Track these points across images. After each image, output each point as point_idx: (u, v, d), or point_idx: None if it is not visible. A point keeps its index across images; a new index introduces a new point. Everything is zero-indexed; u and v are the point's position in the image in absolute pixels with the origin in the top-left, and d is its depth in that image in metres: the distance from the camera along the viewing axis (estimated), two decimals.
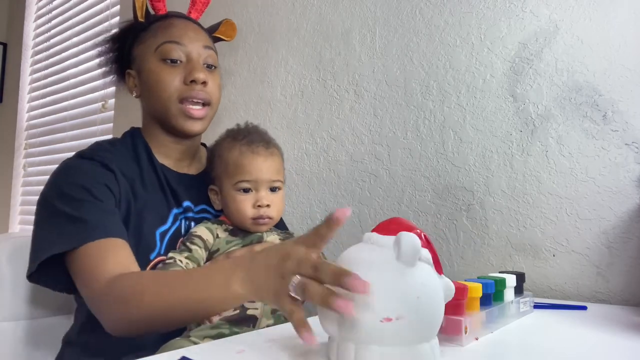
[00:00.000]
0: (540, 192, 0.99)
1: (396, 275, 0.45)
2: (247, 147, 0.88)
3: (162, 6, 0.95)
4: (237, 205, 0.87)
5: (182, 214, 0.91)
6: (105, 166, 0.83)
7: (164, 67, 0.89)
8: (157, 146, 0.94)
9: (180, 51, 0.89)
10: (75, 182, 0.80)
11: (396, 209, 1.18)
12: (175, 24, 0.92)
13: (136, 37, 0.94)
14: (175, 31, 0.91)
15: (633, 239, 0.89)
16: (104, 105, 2.09)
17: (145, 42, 0.92)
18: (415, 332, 0.45)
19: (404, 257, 0.45)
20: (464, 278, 0.78)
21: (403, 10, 1.21)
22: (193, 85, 0.88)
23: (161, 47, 0.89)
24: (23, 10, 2.71)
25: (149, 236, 0.85)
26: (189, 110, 0.89)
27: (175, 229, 0.89)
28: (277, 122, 1.44)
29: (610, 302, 0.90)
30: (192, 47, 0.90)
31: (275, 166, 0.90)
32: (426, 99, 1.16)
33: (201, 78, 0.88)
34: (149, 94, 0.91)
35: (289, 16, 1.45)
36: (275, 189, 0.90)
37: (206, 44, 0.93)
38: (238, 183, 0.87)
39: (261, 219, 0.88)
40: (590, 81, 0.95)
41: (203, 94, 0.89)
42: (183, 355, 0.50)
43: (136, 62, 0.93)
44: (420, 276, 0.46)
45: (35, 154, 2.53)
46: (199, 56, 0.91)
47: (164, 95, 0.88)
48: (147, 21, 0.93)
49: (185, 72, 0.89)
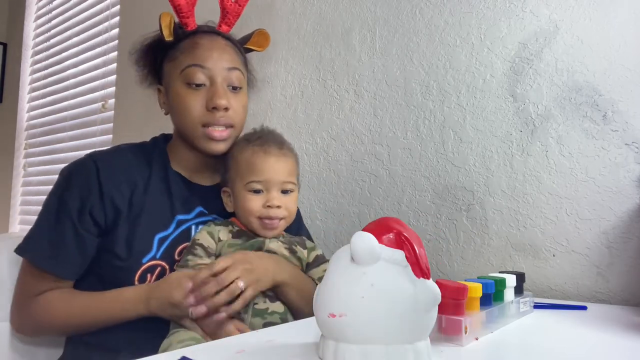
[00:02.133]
0: (540, 192, 0.99)
1: (346, 274, 0.47)
2: (260, 147, 0.88)
3: (192, 22, 0.93)
4: (245, 204, 0.87)
5: (193, 221, 0.92)
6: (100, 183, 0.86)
7: (188, 91, 0.89)
8: (177, 156, 0.96)
9: (203, 75, 0.89)
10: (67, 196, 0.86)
11: (396, 209, 1.18)
12: (201, 43, 0.91)
13: (166, 54, 0.94)
14: (199, 53, 0.90)
15: (633, 239, 0.89)
16: (104, 105, 2.09)
17: (173, 61, 0.92)
18: (362, 332, 0.46)
19: (355, 257, 0.47)
20: (464, 278, 0.78)
21: (403, 10, 1.21)
22: (215, 112, 0.88)
23: (185, 70, 0.89)
24: (23, 10, 2.72)
25: (144, 240, 0.86)
26: (211, 133, 0.89)
27: (176, 235, 0.89)
28: (277, 122, 1.44)
29: (610, 302, 0.90)
30: (216, 70, 0.90)
31: (288, 167, 0.89)
32: (426, 99, 1.16)
33: (223, 104, 0.88)
34: (175, 115, 0.93)
35: (289, 16, 1.45)
36: (287, 192, 0.88)
37: (231, 65, 0.92)
38: (249, 183, 0.87)
39: (269, 220, 0.86)
40: (590, 81, 0.95)
41: (225, 119, 0.90)
42: (183, 355, 0.50)
43: (165, 80, 0.94)
44: (373, 277, 0.46)
45: (35, 154, 2.53)
46: (223, 80, 0.90)
47: (187, 120, 0.90)
48: (176, 38, 0.92)
49: (208, 97, 0.89)
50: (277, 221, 0.87)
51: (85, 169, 0.88)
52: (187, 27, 0.93)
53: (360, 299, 0.45)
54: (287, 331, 0.67)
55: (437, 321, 0.54)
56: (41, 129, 2.50)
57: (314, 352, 0.52)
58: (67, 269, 0.85)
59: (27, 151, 2.59)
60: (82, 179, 0.87)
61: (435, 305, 0.47)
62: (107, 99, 2.09)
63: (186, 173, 0.96)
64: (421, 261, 0.47)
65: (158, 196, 0.90)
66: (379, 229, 0.48)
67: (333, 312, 0.46)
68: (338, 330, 0.47)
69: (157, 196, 0.90)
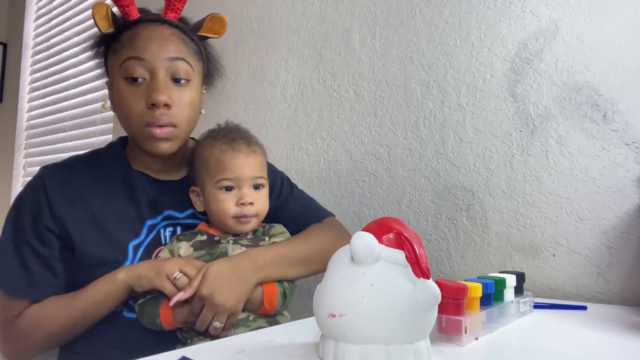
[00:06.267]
0: (540, 192, 0.99)
1: (346, 275, 0.47)
2: (228, 145, 0.86)
3: (132, 11, 0.86)
4: (219, 205, 0.85)
5: (161, 223, 0.89)
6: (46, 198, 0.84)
7: (127, 87, 0.83)
8: (137, 155, 0.92)
9: (142, 68, 0.82)
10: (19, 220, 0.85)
11: (396, 209, 1.18)
12: (141, 34, 0.84)
13: (108, 47, 0.87)
14: (138, 44, 0.83)
15: (633, 239, 0.89)
16: (104, 105, 2.09)
17: (115, 54, 0.85)
18: (362, 332, 0.46)
19: (355, 257, 0.47)
20: (464, 278, 0.78)
21: (403, 10, 1.21)
22: (154, 109, 0.82)
23: (124, 64, 0.83)
24: (23, 10, 2.72)
25: (119, 249, 0.84)
26: (152, 131, 0.83)
27: (150, 240, 0.87)
28: (277, 122, 1.44)
29: (610, 302, 0.90)
30: (157, 62, 0.82)
31: (258, 163, 0.88)
32: (426, 99, 1.16)
33: (162, 101, 0.81)
34: (118, 114, 0.88)
35: (289, 16, 1.45)
36: (258, 187, 0.88)
37: (175, 55, 0.84)
38: (220, 181, 0.85)
39: (244, 218, 0.85)
40: (590, 81, 0.95)
41: (165, 118, 0.82)
42: (183, 355, 0.50)
43: (109, 75, 0.89)
44: (373, 277, 0.46)
45: (35, 154, 2.53)
46: (165, 72, 0.83)
47: (129, 119, 0.84)
48: (117, 29, 0.85)
49: (147, 93, 0.82)
50: (250, 217, 0.86)
51: (32, 188, 0.87)
52: (128, 17, 0.85)
53: (360, 299, 0.45)
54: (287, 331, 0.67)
55: (437, 321, 0.54)
56: (41, 129, 2.50)
57: (314, 352, 0.52)
58: (44, 291, 0.83)
59: (27, 151, 2.59)
60: (30, 199, 0.86)
61: (435, 305, 0.47)
62: (107, 99, 2.09)
63: (151, 171, 0.92)
64: (421, 261, 0.47)
65: (123, 203, 0.87)
66: (379, 229, 0.48)
67: (333, 312, 0.46)
68: (338, 330, 0.47)
69: (122, 203, 0.87)
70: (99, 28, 0.84)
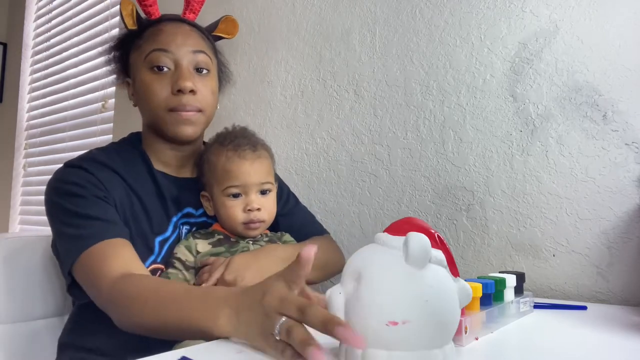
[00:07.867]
0: (540, 192, 0.99)
1: (404, 278, 0.44)
2: (234, 152, 0.87)
3: (155, 10, 0.93)
4: (227, 211, 0.87)
5: (181, 220, 0.91)
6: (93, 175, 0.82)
7: (152, 76, 0.87)
8: (155, 154, 0.93)
9: (167, 58, 0.87)
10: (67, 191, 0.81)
11: (396, 209, 1.18)
12: (165, 29, 0.89)
13: (132, 44, 0.92)
14: (163, 38, 0.88)
15: (633, 239, 0.89)
16: (104, 105, 2.09)
17: (138, 49, 0.90)
18: (424, 337, 0.44)
19: (412, 259, 0.44)
20: (464, 278, 0.78)
21: (403, 10, 1.21)
22: (181, 95, 0.86)
23: (149, 55, 0.87)
24: (23, 10, 2.71)
25: (146, 242, 0.84)
26: (179, 114, 0.87)
27: (175, 236, 0.89)
28: (277, 122, 1.44)
29: (610, 302, 0.90)
30: (180, 54, 0.88)
31: (264, 169, 0.89)
32: (426, 99, 1.16)
33: (188, 87, 0.86)
34: (142, 104, 0.91)
35: (289, 16, 1.45)
36: (265, 192, 0.89)
37: (196, 48, 0.90)
38: (227, 189, 0.87)
39: (252, 223, 0.87)
40: (590, 81, 0.95)
41: (192, 103, 0.87)
42: (183, 355, 0.50)
43: (132, 70, 0.92)
44: (430, 279, 0.44)
45: (35, 154, 2.53)
46: (188, 62, 0.88)
47: (154, 105, 0.87)
48: (140, 27, 0.92)
49: (173, 80, 0.87)
50: (259, 223, 0.88)
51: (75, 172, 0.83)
52: (150, 16, 0.93)
53: (424, 302, 0.43)
54: None
55: None
56: (41, 129, 2.50)
57: None
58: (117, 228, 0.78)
59: (27, 151, 2.58)
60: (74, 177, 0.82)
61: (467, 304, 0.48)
62: (107, 99, 2.09)
63: (171, 170, 0.94)
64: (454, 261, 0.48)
65: (152, 198, 0.88)
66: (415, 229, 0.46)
67: (395, 319, 0.43)
68: (397, 339, 0.43)
69: (151, 198, 0.88)
70: (125, 24, 0.91)
